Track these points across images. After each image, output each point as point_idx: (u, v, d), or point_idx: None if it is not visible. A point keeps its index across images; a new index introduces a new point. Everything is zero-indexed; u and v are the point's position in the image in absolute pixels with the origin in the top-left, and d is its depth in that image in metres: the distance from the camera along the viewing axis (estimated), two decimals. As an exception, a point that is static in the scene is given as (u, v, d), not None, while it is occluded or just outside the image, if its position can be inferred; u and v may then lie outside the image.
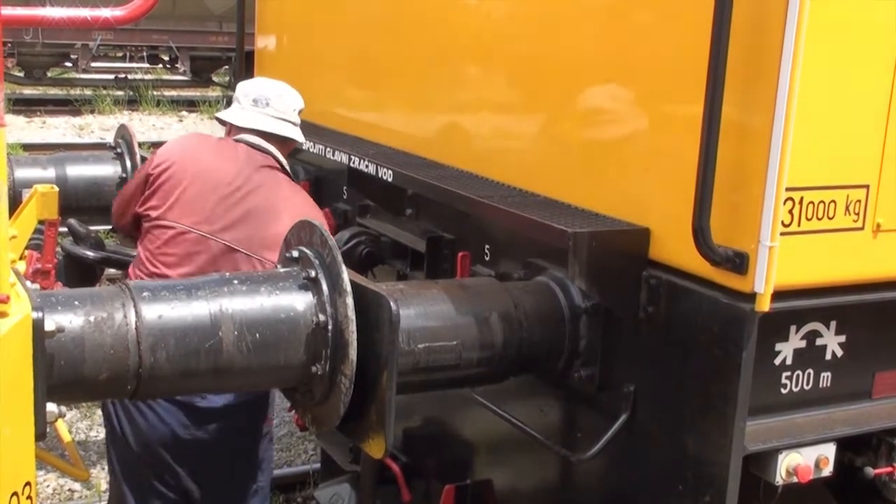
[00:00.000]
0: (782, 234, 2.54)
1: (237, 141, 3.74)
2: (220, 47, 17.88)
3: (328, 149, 4.26)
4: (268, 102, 3.80)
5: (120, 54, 19.20)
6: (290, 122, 3.84)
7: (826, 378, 2.90)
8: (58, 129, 15.60)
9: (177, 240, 3.51)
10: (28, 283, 2.38)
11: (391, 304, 2.59)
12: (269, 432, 3.81)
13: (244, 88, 3.87)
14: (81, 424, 5.92)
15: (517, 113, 3.56)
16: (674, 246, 2.79)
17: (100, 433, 5.84)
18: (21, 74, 17.74)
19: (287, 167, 3.82)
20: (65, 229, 4.30)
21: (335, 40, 4.81)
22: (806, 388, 2.88)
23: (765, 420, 2.79)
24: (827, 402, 2.92)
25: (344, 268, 2.69)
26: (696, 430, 2.73)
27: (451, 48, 3.86)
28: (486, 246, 3.55)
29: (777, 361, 2.81)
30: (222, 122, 3.90)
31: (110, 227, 4.95)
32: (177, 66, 18.63)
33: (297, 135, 3.87)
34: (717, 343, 2.66)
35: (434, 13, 4.00)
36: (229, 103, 3.99)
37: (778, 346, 2.80)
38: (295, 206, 3.56)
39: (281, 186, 3.68)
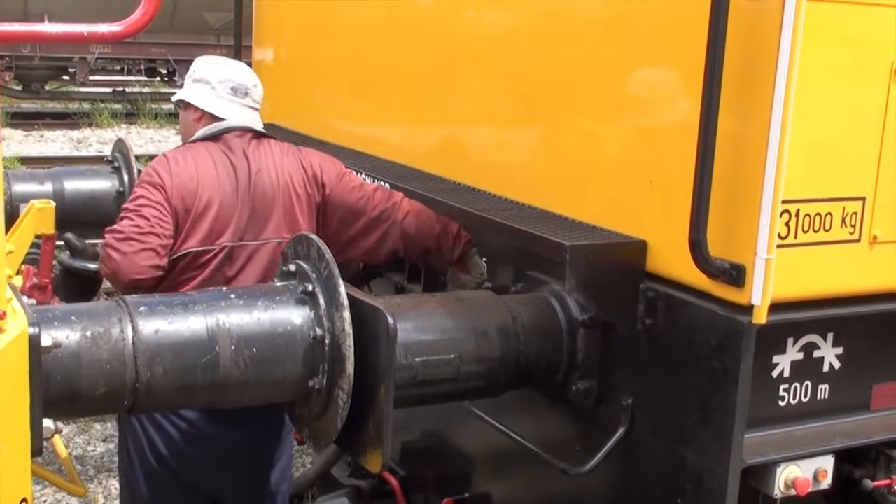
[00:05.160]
0: (779, 246, 2.55)
1: (215, 138, 3.43)
2: (218, 60, 17.87)
3: (325, 162, 4.25)
4: (247, 92, 3.53)
5: (118, 68, 19.18)
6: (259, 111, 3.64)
7: (824, 390, 2.90)
8: (56, 142, 15.59)
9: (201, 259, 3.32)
10: (25, 299, 2.38)
11: (388, 317, 2.59)
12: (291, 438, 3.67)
13: (216, 72, 3.52)
14: (79, 439, 5.89)
15: (515, 126, 3.56)
16: (671, 258, 2.79)
17: (97, 448, 5.82)
18: (19, 88, 17.74)
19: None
20: (62, 244, 4.29)
21: (333, 53, 4.82)
22: (804, 400, 2.88)
23: (763, 432, 2.79)
24: (825, 414, 2.92)
25: (341, 282, 2.69)
26: (695, 442, 2.72)
27: (450, 61, 3.87)
28: (484, 259, 3.54)
29: (775, 374, 2.81)
30: (184, 105, 3.54)
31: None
32: (175, 79, 18.63)
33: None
34: (715, 355, 2.66)
35: (433, 26, 4.00)
36: None
37: (775, 359, 2.80)
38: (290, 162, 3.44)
39: (269, 153, 3.47)
